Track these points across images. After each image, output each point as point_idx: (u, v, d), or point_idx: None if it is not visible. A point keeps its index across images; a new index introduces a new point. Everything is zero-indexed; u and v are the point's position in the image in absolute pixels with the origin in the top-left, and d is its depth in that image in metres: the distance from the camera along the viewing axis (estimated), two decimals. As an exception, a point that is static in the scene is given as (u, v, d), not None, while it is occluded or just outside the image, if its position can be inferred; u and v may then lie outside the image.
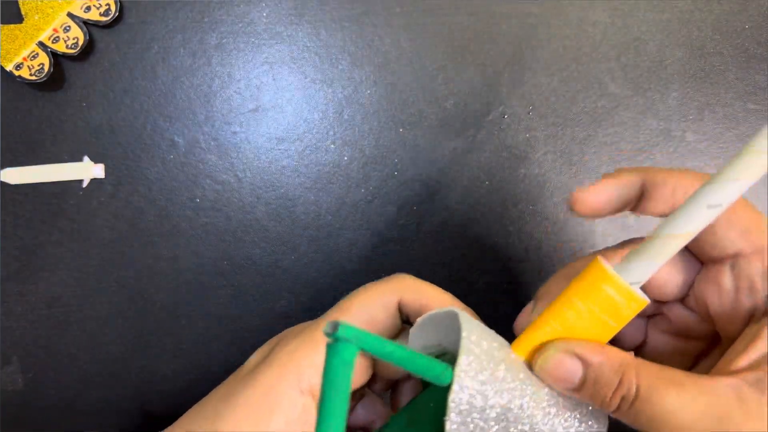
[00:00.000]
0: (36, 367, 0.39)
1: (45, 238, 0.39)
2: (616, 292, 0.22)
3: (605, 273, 0.22)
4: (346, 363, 0.20)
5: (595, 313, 0.23)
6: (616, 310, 0.22)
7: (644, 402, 0.21)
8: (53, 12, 0.38)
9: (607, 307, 0.23)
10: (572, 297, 0.23)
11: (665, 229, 0.22)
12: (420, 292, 0.27)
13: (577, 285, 0.23)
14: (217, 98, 0.39)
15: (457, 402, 0.22)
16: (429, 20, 0.39)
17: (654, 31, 0.39)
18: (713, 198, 0.20)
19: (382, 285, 0.27)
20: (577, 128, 0.39)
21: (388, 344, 0.21)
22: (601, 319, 0.23)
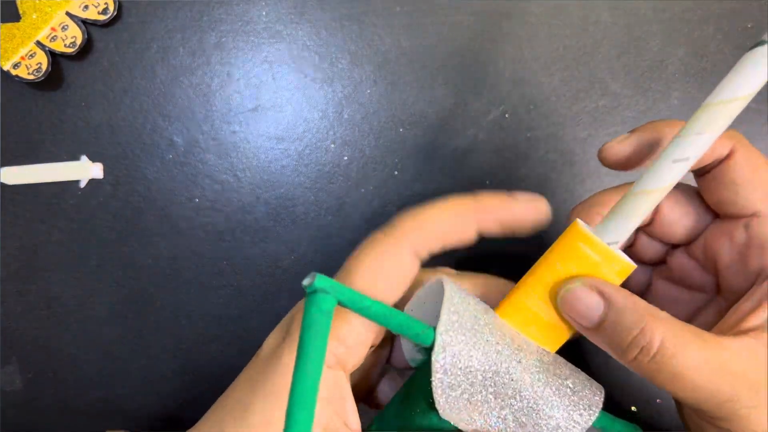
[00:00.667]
0: (36, 367, 0.39)
1: (44, 238, 0.39)
2: (595, 253, 0.22)
3: (582, 233, 0.22)
4: (323, 312, 0.21)
5: (576, 274, 0.22)
6: (598, 273, 0.22)
7: (666, 356, 0.20)
8: (51, 11, 0.38)
9: (588, 268, 0.22)
10: (553, 260, 0.23)
11: (638, 186, 0.22)
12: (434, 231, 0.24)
13: (556, 247, 0.23)
14: (216, 97, 0.39)
15: (441, 362, 0.22)
16: (429, 20, 0.39)
17: (655, 30, 0.39)
18: (679, 153, 0.21)
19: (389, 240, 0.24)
20: (579, 128, 0.39)
21: (366, 299, 0.21)
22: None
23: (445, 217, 0.24)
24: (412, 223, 0.24)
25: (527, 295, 0.24)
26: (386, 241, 0.24)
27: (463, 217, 0.24)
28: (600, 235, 0.22)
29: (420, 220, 0.24)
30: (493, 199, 0.25)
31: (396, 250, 0.23)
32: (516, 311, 0.24)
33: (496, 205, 0.25)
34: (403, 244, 0.24)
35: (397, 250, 0.23)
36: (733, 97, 0.21)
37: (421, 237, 0.24)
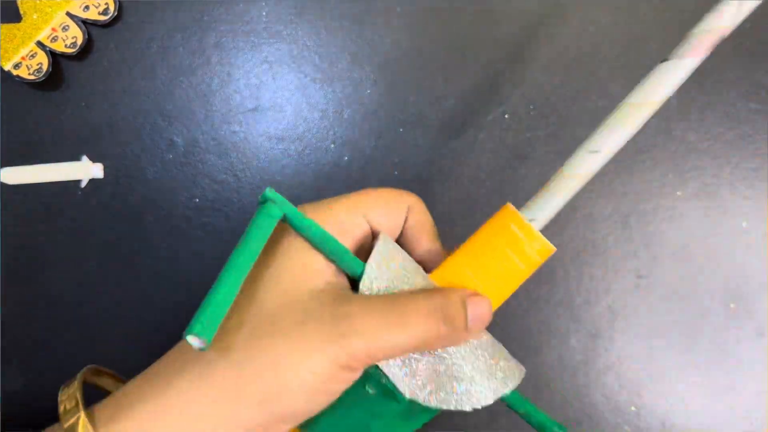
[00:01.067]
0: (36, 367, 0.39)
1: (45, 238, 0.39)
2: (519, 228, 0.25)
3: (509, 210, 0.25)
4: (270, 216, 0.24)
5: (502, 250, 0.25)
6: (521, 249, 0.25)
7: None
8: (52, 11, 0.38)
9: (511, 242, 0.25)
10: (484, 234, 0.25)
11: (558, 172, 0.25)
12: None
13: (489, 224, 0.26)
14: (216, 97, 0.39)
15: (366, 292, 0.24)
16: (429, 20, 0.39)
17: (655, 30, 0.39)
18: (593, 146, 0.25)
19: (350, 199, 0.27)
20: (578, 128, 0.39)
21: (306, 219, 0.24)
22: (509, 256, 0.25)
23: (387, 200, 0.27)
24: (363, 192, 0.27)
25: (458, 263, 0.25)
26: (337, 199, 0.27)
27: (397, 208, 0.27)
28: (524, 212, 0.25)
29: (371, 192, 0.27)
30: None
31: (345, 205, 0.26)
32: (447, 277, 0.25)
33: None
34: (349, 203, 0.26)
35: (343, 205, 0.26)
36: (642, 102, 0.24)
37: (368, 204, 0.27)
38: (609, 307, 0.38)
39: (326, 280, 0.24)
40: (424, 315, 0.23)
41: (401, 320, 0.23)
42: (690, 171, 0.39)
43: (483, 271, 0.25)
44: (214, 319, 0.21)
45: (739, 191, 0.39)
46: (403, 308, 0.23)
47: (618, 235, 0.39)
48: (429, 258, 0.27)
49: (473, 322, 0.24)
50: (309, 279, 0.24)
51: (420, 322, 0.23)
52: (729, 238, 0.38)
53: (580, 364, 0.38)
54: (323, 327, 0.22)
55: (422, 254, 0.27)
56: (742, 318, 0.38)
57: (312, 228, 0.24)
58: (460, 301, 0.24)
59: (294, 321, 0.22)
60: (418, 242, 0.27)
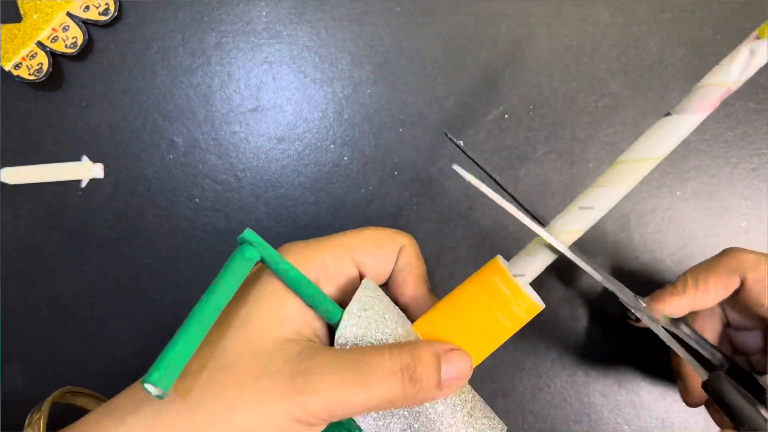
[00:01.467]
0: (36, 367, 0.39)
1: (45, 238, 0.39)
2: (506, 286, 0.24)
3: (497, 265, 0.24)
4: (245, 259, 0.23)
5: (487, 307, 0.24)
6: (506, 305, 0.24)
7: None
8: (52, 11, 0.38)
9: (497, 299, 0.24)
10: (469, 288, 0.25)
11: (549, 228, 0.24)
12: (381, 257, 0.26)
13: (475, 277, 0.25)
14: (216, 98, 0.39)
15: (342, 341, 0.23)
16: (429, 20, 0.39)
17: (654, 30, 0.39)
18: (586, 202, 0.24)
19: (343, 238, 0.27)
20: (578, 128, 0.39)
21: (285, 263, 0.23)
22: (493, 312, 0.24)
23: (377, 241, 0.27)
24: (352, 233, 0.26)
25: (442, 316, 0.25)
26: (321, 241, 0.26)
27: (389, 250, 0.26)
28: (512, 268, 0.24)
29: (359, 233, 0.26)
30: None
31: (329, 248, 0.25)
32: (429, 328, 0.25)
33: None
34: (335, 244, 0.26)
35: (329, 248, 0.25)
36: (642, 158, 0.23)
37: (355, 244, 0.26)
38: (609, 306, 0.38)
39: (295, 328, 0.23)
40: (388, 374, 0.22)
41: (363, 379, 0.22)
42: (689, 171, 0.39)
43: (467, 326, 0.24)
44: (173, 369, 0.21)
45: (738, 191, 0.39)
46: (367, 366, 0.22)
47: (618, 235, 0.39)
48: (415, 304, 0.26)
49: (448, 380, 0.23)
50: (276, 327, 0.23)
51: (382, 382, 0.22)
52: (728, 237, 0.38)
53: (580, 364, 0.38)
54: (280, 383, 0.21)
55: (408, 300, 0.26)
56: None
57: (289, 272, 0.23)
58: (434, 357, 0.23)
59: (251, 372, 0.22)
60: (405, 286, 0.26)
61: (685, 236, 0.38)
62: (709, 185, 0.39)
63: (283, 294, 0.24)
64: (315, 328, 0.24)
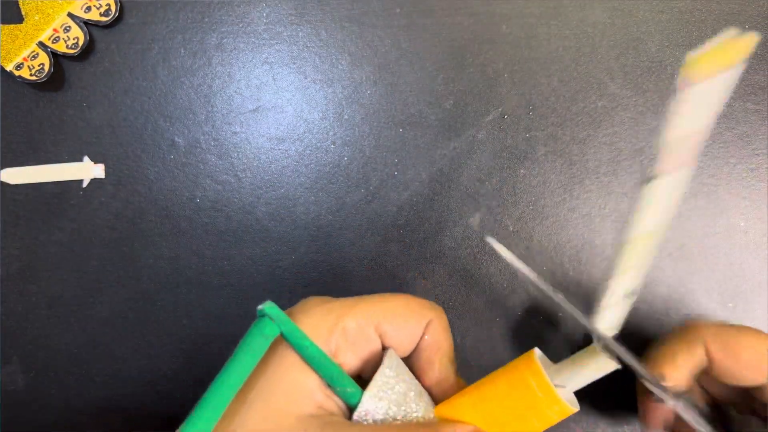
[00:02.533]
0: (36, 367, 0.39)
1: (45, 238, 0.39)
2: (540, 390, 0.22)
3: (533, 365, 0.23)
4: (263, 336, 0.22)
5: (518, 405, 0.23)
6: (537, 407, 0.22)
7: None
8: (53, 12, 0.38)
9: (530, 401, 0.22)
10: (500, 382, 0.23)
11: (595, 342, 0.23)
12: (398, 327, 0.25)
13: (507, 371, 0.23)
14: (217, 98, 0.39)
15: (359, 421, 0.22)
16: (429, 20, 0.39)
17: (654, 31, 0.39)
18: (622, 289, 0.23)
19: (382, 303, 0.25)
20: (577, 128, 0.39)
21: (306, 339, 0.23)
22: (522, 412, 0.22)
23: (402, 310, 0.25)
24: (373, 298, 0.25)
25: (468, 404, 0.24)
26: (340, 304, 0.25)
27: (417, 320, 0.25)
28: (552, 375, 0.23)
29: (382, 299, 0.25)
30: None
31: (354, 316, 0.24)
32: (452, 415, 0.24)
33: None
34: (358, 313, 0.24)
35: (352, 315, 0.24)
36: (651, 230, 0.22)
37: (378, 312, 0.25)
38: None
39: (317, 403, 0.23)
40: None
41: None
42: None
43: (492, 419, 0.23)
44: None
45: (736, 191, 0.39)
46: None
47: (617, 235, 0.39)
48: (440, 388, 0.25)
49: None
50: (298, 402, 0.22)
51: None
52: (727, 237, 0.39)
53: (580, 364, 0.38)
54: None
55: (433, 380, 0.25)
56: (741, 317, 0.38)
57: (309, 348, 0.23)
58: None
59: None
60: (430, 367, 0.25)
61: (684, 236, 0.39)
62: (707, 185, 0.39)
63: (303, 367, 0.23)
64: (336, 401, 0.23)
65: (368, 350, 0.24)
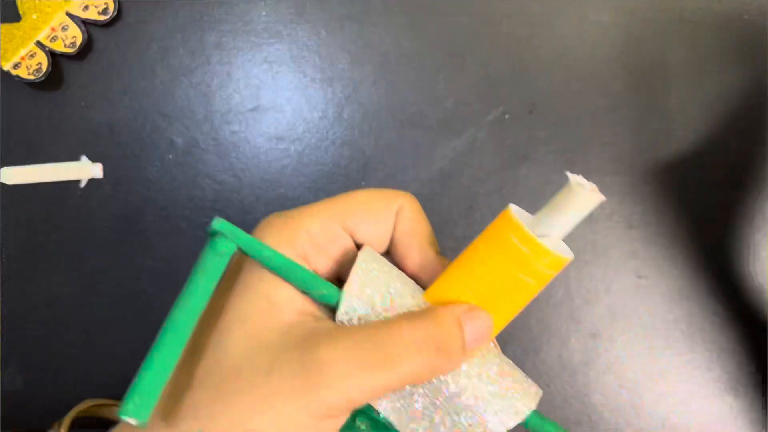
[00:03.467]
0: (36, 367, 0.39)
1: (44, 238, 0.39)
2: (523, 243, 0.20)
3: (510, 220, 0.21)
4: (218, 254, 0.21)
5: (505, 267, 0.21)
6: (526, 264, 0.21)
7: None
8: (51, 11, 0.38)
9: (517, 260, 0.21)
10: (482, 248, 0.22)
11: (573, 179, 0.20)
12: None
13: (486, 235, 0.22)
14: (216, 97, 0.39)
15: (344, 321, 0.21)
16: (429, 20, 0.39)
17: (655, 30, 0.39)
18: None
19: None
20: (578, 128, 0.39)
21: (266, 248, 0.21)
22: (514, 273, 0.21)
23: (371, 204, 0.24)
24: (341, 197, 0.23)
25: (455, 281, 0.22)
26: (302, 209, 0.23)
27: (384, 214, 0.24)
28: (534, 226, 0.21)
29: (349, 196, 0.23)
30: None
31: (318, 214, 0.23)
32: (443, 296, 0.22)
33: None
34: (319, 213, 0.23)
35: (314, 216, 0.22)
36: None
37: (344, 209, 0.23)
38: (609, 307, 0.38)
39: (297, 308, 0.21)
40: (411, 348, 0.20)
41: (383, 358, 0.20)
42: (689, 171, 0.39)
43: (485, 289, 0.22)
44: (149, 396, 0.19)
45: (738, 191, 0.39)
46: (385, 343, 0.20)
47: (618, 235, 0.39)
48: (424, 272, 0.24)
49: (472, 342, 0.21)
50: (277, 313, 0.21)
51: (408, 358, 0.20)
52: (728, 238, 0.38)
53: (580, 364, 0.38)
54: (291, 378, 0.19)
55: (416, 268, 0.24)
56: (742, 317, 0.38)
57: (273, 258, 0.21)
58: (455, 321, 0.21)
59: (260, 371, 0.20)
60: (410, 253, 0.24)
61: (685, 236, 0.38)
62: (708, 185, 0.39)
63: (273, 278, 0.21)
64: (318, 305, 0.22)
65: (340, 250, 0.23)
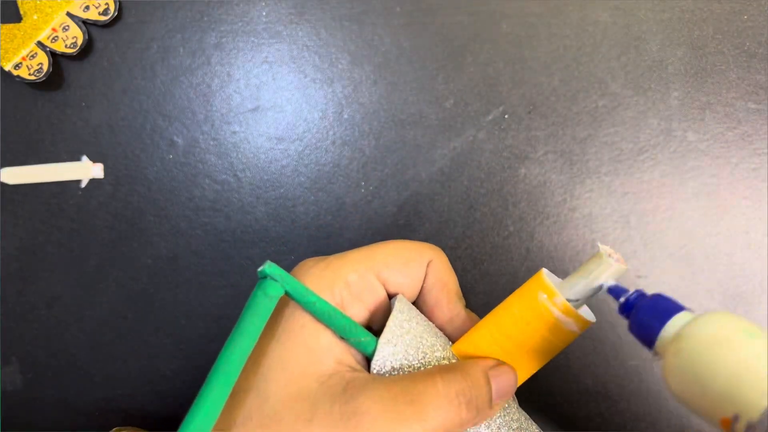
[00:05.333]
0: (36, 367, 0.39)
1: (44, 238, 0.39)
2: (555, 307, 0.22)
3: (542, 282, 0.22)
4: (267, 296, 0.22)
5: (534, 327, 0.22)
6: (554, 324, 0.22)
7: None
8: (52, 11, 0.38)
9: (546, 321, 0.22)
10: (513, 304, 0.23)
11: (602, 248, 0.22)
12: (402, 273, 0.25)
13: (519, 295, 0.23)
14: (216, 98, 0.39)
15: (379, 371, 0.22)
16: (429, 20, 0.39)
17: (655, 30, 0.39)
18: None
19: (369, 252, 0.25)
20: (578, 128, 0.39)
21: (312, 294, 0.22)
22: (542, 333, 0.22)
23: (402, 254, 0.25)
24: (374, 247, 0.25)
25: (484, 337, 0.23)
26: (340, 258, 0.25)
27: (417, 265, 0.25)
28: (563, 291, 0.22)
29: (381, 247, 0.25)
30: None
31: (354, 266, 0.24)
32: (471, 350, 0.23)
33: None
34: (358, 263, 0.24)
35: (351, 266, 0.24)
36: None
37: (378, 260, 0.24)
38: (609, 307, 0.38)
39: (336, 358, 0.22)
40: (444, 402, 0.21)
41: (417, 411, 0.20)
42: (690, 171, 0.39)
43: (512, 346, 0.22)
44: (203, 430, 0.20)
45: (738, 191, 0.39)
46: (419, 396, 0.21)
47: (618, 235, 0.39)
48: (452, 326, 0.25)
49: (497, 397, 0.22)
50: (316, 361, 0.22)
51: (439, 411, 0.21)
52: (728, 238, 0.38)
53: (580, 365, 0.38)
54: (331, 427, 0.20)
55: (444, 319, 0.25)
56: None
57: (318, 304, 0.22)
58: (483, 376, 0.22)
59: (300, 418, 0.21)
60: (438, 306, 0.25)
61: (685, 236, 0.38)
62: (709, 185, 0.39)
63: (315, 326, 0.22)
64: (353, 354, 0.23)
65: (374, 300, 0.24)
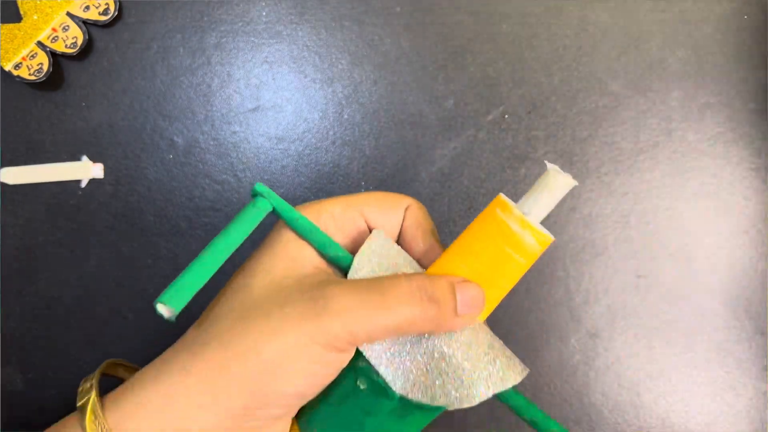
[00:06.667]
0: (36, 367, 0.39)
1: (44, 238, 0.39)
2: (509, 218, 0.24)
3: (499, 200, 0.24)
4: (257, 208, 0.25)
5: (497, 244, 0.24)
6: (515, 239, 0.24)
7: None
8: (52, 11, 0.38)
9: (505, 234, 0.24)
10: (475, 227, 0.25)
11: (551, 165, 0.24)
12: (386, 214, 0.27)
13: (481, 217, 0.25)
14: (216, 98, 0.39)
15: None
16: (429, 20, 0.39)
17: (655, 30, 0.39)
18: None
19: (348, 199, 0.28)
20: (578, 128, 0.39)
21: (295, 212, 0.25)
22: (503, 249, 0.24)
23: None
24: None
25: (453, 260, 0.25)
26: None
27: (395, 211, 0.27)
28: (519, 207, 0.24)
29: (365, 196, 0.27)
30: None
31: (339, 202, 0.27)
32: (440, 272, 0.25)
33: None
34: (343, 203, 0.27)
35: (337, 201, 0.27)
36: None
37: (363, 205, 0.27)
38: (609, 307, 0.38)
39: (315, 264, 0.25)
40: (406, 294, 0.23)
41: (381, 299, 0.23)
42: (690, 171, 0.39)
43: (479, 266, 0.24)
44: (184, 291, 0.22)
45: (738, 191, 0.39)
46: (384, 288, 0.23)
47: (618, 235, 0.39)
48: (427, 258, 0.27)
49: (464, 306, 0.24)
50: (298, 267, 0.25)
51: (401, 302, 0.23)
52: (728, 238, 0.38)
53: (580, 364, 0.38)
54: (301, 307, 0.22)
55: (420, 254, 0.27)
56: (742, 317, 0.38)
57: (300, 220, 0.25)
58: (449, 284, 0.24)
59: (275, 303, 0.23)
60: (415, 241, 0.27)
61: (685, 236, 0.38)
62: (709, 185, 0.39)
63: (299, 241, 0.25)
64: (330, 267, 0.26)
65: (356, 230, 0.26)
